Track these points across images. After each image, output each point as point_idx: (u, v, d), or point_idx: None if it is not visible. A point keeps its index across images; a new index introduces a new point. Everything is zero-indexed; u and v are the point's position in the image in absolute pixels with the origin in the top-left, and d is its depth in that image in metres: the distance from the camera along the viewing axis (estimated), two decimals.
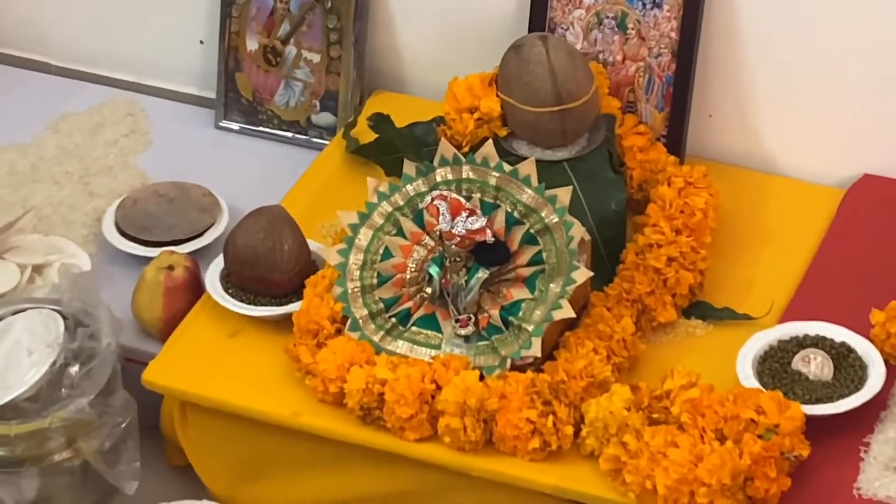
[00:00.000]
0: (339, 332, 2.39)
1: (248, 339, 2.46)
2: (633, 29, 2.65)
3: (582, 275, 2.36)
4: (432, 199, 2.38)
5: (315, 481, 2.41)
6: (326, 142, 2.83)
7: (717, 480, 2.13)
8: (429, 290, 2.39)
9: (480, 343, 2.36)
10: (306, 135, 2.88)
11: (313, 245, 2.52)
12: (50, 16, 3.02)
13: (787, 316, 2.43)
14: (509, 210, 2.39)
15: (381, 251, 2.42)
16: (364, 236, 2.44)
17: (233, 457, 2.44)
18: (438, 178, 2.43)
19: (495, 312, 2.37)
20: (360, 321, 2.39)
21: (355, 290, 2.41)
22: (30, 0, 3.02)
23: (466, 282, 2.36)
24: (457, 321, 2.37)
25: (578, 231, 2.37)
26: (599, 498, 2.24)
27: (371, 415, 2.31)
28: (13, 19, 3.04)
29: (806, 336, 2.37)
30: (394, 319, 2.40)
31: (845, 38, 2.58)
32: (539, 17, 2.68)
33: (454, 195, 2.37)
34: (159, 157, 2.85)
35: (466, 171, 2.42)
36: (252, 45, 2.86)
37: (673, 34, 2.62)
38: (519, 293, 2.37)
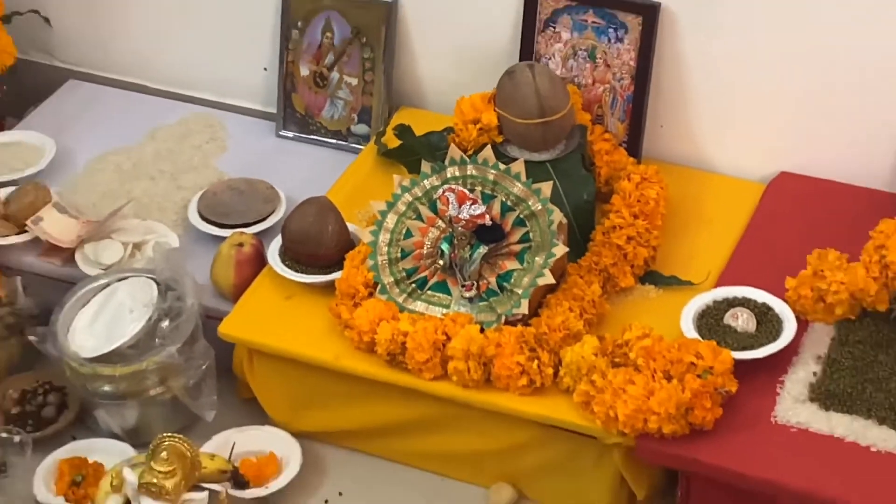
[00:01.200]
0: (370, 294, 2.40)
1: (300, 300, 2.46)
2: (600, 59, 2.64)
3: (560, 250, 2.36)
4: (444, 191, 2.38)
5: (351, 411, 2.42)
6: (362, 147, 2.82)
7: (665, 410, 2.14)
8: (441, 262, 2.39)
9: (481, 303, 2.37)
10: (346, 141, 2.87)
11: (351, 227, 2.52)
12: (147, 50, 3.02)
13: (720, 282, 2.43)
14: (503, 200, 2.39)
15: (403, 232, 2.43)
16: (390, 220, 2.44)
17: (288, 392, 2.45)
18: (448, 175, 2.43)
19: (493, 279, 2.37)
20: (388, 286, 2.40)
21: (383, 262, 2.41)
22: (132, 37, 3.02)
23: (470, 256, 2.37)
24: (462, 286, 2.38)
25: (558, 216, 2.38)
26: (574, 424, 2.25)
27: (395, 359, 2.32)
28: (120, 53, 3.05)
29: (735, 298, 2.36)
30: (413, 285, 2.40)
31: (767, 69, 2.57)
32: (527, 49, 2.67)
33: (461, 188, 2.37)
34: (232, 159, 2.85)
35: (470, 170, 2.42)
36: (304, 71, 2.85)
37: (632, 62, 2.62)
38: (511, 264, 2.38)
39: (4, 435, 2.40)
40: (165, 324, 2.41)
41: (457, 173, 2.42)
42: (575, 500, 2.34)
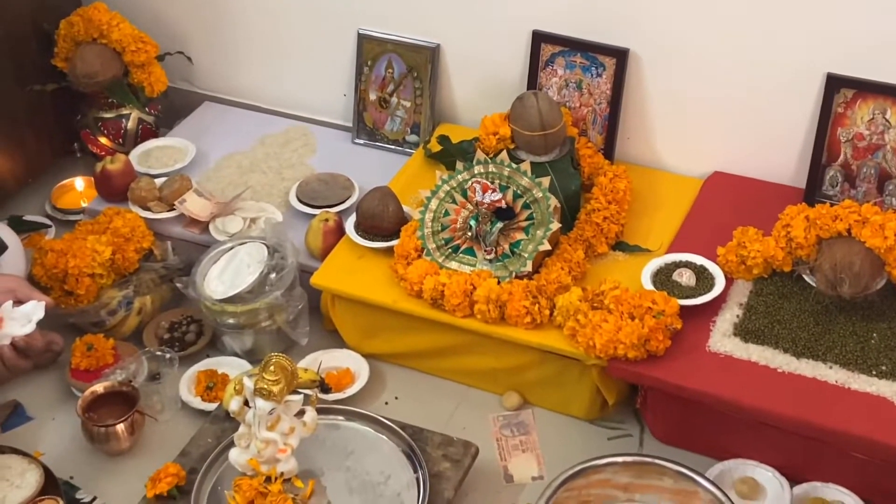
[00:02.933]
0: (419, 256, 2.39)
1: (369, 260, 2.45)
2: (585, 89, 2.62)
3: (555, 226, 2.35)
4: (472, 183, 2.38)
5: (405, 338, 2.41)
6: (413, 151, 2.81)
7: (630, 341, 2.14)
8: (469, 233, 2.38)
9: (498, 263, 2.36)
10: (402, 147, 2.85)
11: (405, 208, 2.50)
12: (260, 80, 3.01)
13: (670, 249, 2.41)
14: (515, 189, 2.38)
15: (443, 212, 2.42)
16: (434, 203, 2.43)
17: (359, 325, 2.45)
18: (475, 171, 2.41)
19: (506, 246, 2.36)
20: (431, 250, 2.39)
21: (428, 233, 2.40)
22: (250, 71, 3.01)
23: (490, 229, 2.36)
24: (485, 251, 2.37)
25: (553, 201, 2.37)
26: (564, 350, 2.24)
27: (436, 302, 2.31)
28: (240, 82, 3.03)
29: (681, 261, 2.35)
30: (450, 250, 2.39)
31: (704, 93, 2.55)
32: (532, 82, 2.66)
33: (484, 181, 2.37)
34: (320, 159, 2.83)
35: (491, 167, 2.40)
36: (372, 96, 2.84)
37: (608, 91, 2.60)
38: (519, 235, 2.37)
39: (158, 353, 2.42)
40: (273, 276, 2.40)
41: (481, 170, 2.41)
42: (563, 405, 2.33)
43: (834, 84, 2.38)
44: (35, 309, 2.16)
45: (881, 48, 2.33)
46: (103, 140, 2.94)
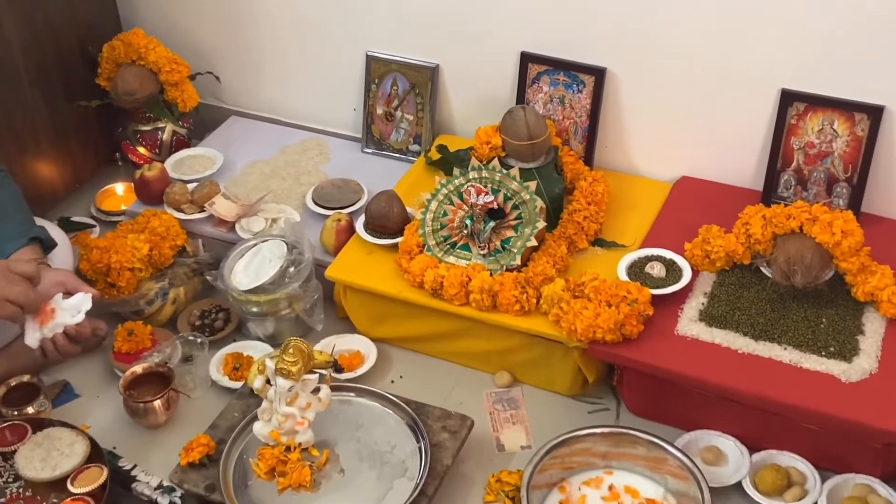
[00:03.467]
0: (421, 251, 2.39)
1: (376, 255, 2.46)
2: (567, 103, 2.63)
3: (541, 225, 2.36)
4: (467, 187, 2.38)
5: (409, 324, 2.42)
6: (415, 159, 2.81)
7: (607, 325, 2.15)
8: (465, 231, 2.39)
9: (490, 258, 2.36)
10: (406, 155, 2.85)
11: (409, 209, 2.51)
12: (281, 97, 3.02)
13: (643, 245, 2.42)
14: (505, 192, 2.39)
15: (442, 212, 2.42)
16: (434, 205, 2.43)
17: (369, 312, 2.45)
18: (471, 176, 2.42)
19: (498, 242, 2.37)
20: (432, 246, 2.39)
21: (429, 231, 2.41)
22: (272, 89, 3.02)
23: (484, 227, 2.36)
24: (479, 247, 2.37)
25: (539, 203, 2.37)
26: (549, 334, 2.24)
27: (436, 292, 2.32)
28: (263, 99, 3.05)
29: (652, 255, 2.36)
30: (448, 245, 2.40)
31: (672, 107, 2.55)
32: (521, 97, 2.66)
33: (478, 184, 2.38)
34: (333, 166, 2.84)
35: (484, 173, 2.41)
36: (380, 110, 2.85)
37: (588, 106, 2.61)
38: (509, 233, 2.37)
39: (191, 338, 2.43)
40: (292, 269, 2.41)
41: (476, 175, 2.42)
42: (549, 382, 2.34)
43: (788, 98, 2.39)
44: (83, 300, 2.18)
45: (829, 67, 2.34)
46: (141, 150, 2.95)
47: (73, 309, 2.16)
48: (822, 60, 2.34)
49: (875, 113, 2.32)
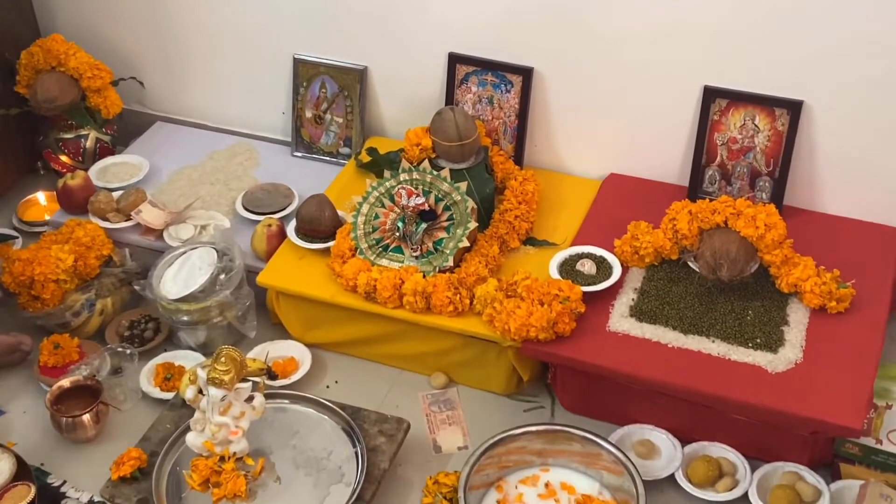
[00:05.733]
0: (353, 255, 2.38)
1: (308, 260, 2.44)
2: (496, 103, 2.64)
3: (472, 225, 2.36)
4: (398, 189, 2.37)
5: (342, 328, 2.41)
6: (346, 162, 2.80)
7: (540, 324, 2.16)
8: (397, 234, 2.38)
9: (423, 260, 2.36)
10: (336, 158, 2.84)
11: (340, 213, 2.50)
12: (207, 101, 2.98)
13: (573, 243, 2.44)
14: (436, 193, 2.39)
15: (374, 215, 2.42)
16: (365, 208, 2.42)
17: (302, 317, 2.44)
18: (401, 178, 2.42)
19: (430, 244, 2.37)
20: (364, 250, 2.38)
21: (361, 234, 2.40)
22: (197, 94, 2.98)
23: (416, 229, 2.36)
24: (411, 249, 2.37)
25: (471, 204, 2.38)
26: (483, 334, 2.25)
27: (370, 296, 2.32)
28: (189, 104, 3.00)
29: (583, 252, 2.37)
30: (380, 248, 2.39)
31: (599, 105, 2.57)
32: (450, 98, 2.67)
33: (409, 187, 2.37)
34: (263, 171, 2.81)
35: (415, 175, 2.41)
36: (308, 113, 2.83)
37: (516, 105, 2.62)
38: (442, 234, 2.38)
39: (120, 349, 2.39)
40: (223, 277, 2.39)
41: (406, 177, 2.41)
42: (484, 382, 2.35)
43: (710, 94, 2.43)
44: None
45: (750, 63, 2.38)
46: (64, 158, 2.89)
47: None
48: (743, 57, 2.38)
49: (794, 108, 2.38)
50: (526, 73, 2.56)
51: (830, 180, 2.45)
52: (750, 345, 2.16)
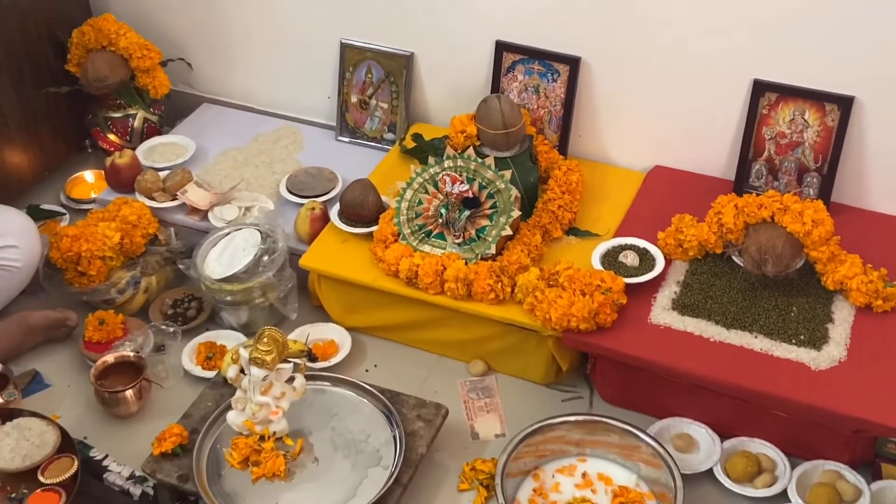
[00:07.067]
0: (396, 240, 2.39)
1: (351, 243, 2.45)
2: (542, 92, 2.63)
3: (516, 214, 2.36)
4: (442, 175, 2.38)
5: (383, 313, 2.41)
6: (390, 147, 2.81)
7: (581, 314, 2.16)
8: (440, 220, 2.38)
9: (465, 247, 2.36)
10: (381, 144, 2.84)
11: (384, 198, 2.51)
12: (254, 84, 3.00)
13: (616, 234, 2.43)
14: (480, 181, 2.39)
15: (417, 201, 2.42)
16: (409, 193, 2.43)
17: (343, 301, 2.45)
18: (446, 165, 2.42)
19: (473, 231, 2.37)
20: (407, 235, 2.39)
21: (404, 219, 2.41)
22: (244, 76, 2.99)
23: (459, 216, 2.36)
24: (454, 236, 2.37)
25: (514, 192, 2.38)
26: (523, 322, 2.25)
27: (411, 281, 2.32)
28: (236, 86, 3.02)
29: (626, 244, 2.36)
30: (423, 234, 2.40)
31: (646, 96, 2.56)
32: (496, 86, 2.66)
33: (453, 173, 2.37)
34: (307, 155, 2.82)
35: (459, 162, 2.41)
36: (354, 98, 2.84)
37: (562, 95, 2.61)
38: (484, 222, 2.38)
39: (163, 327, 2.42)
40: (266, 258, 2.40)
41: (451, 164, 2.41)
42: (523, 371, 2.35)
43: (760, 88, 2.41)
44: None
45: (801, 57, 2.36)
46: (112, 137, 2.92)
47: None
48: (794, 51, 2.36)
49: (845, 103, 2.35)
50: (573, 63, 2.55)
51: (880, 178, 2.42)
52: (793, 341, 2.15)
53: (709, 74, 2.46)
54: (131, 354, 2.31)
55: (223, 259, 2.41)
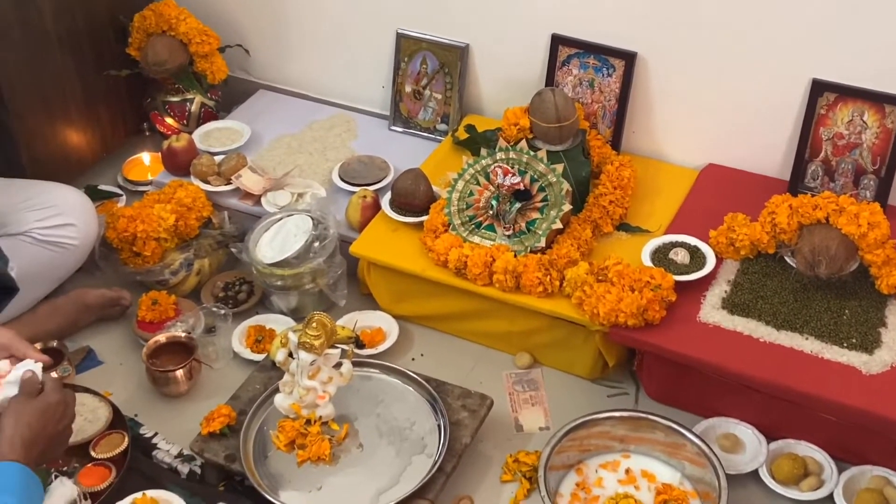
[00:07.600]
0: (446, 230, 2.40)
1: (401, 232, 2.47)
2: (597, 87, 2.62)
3: (566, 207, 2.36)
4: (494, 167, 2.38)
5: (430, 302, 2.42)
6: (443, 138, 2.81)
7: (630, 310, 2.15)
8: (491, 212, 2.39)
9: (515, 239, 2.37)
10: (433, 134, 2.85)
11: (435, 188, 2.51)
12: (310, 72, 3.02)
13: (667, 231, 2.41)
14: (532, 174, 2.39)
15: (468, 192, 2.43)
16: (460, 184, 2.43)
17: (392, 289, 2.46)
18: (498, 157, 2.42)
19: (523, 224, 2.37)
20: (457, 226, 2.40)
21: (454, 210, 2.41)
22: (300, 64, 3.02)
23: (509, 208, 2.36)
24: (504, 228, 2.38)
25: (566, 186, 2.37)
26: (571, 317, 2.25)
27: (460, 272, 2.33)
28: (292, 73, 3.04)
29: (677, 241, 2.35)
30: (473, 225, 2.40)
31: (700, 93, 2.54)
32: (550, 79, 2.66)
33: (505, 165, 2.38)
34: (360, 143, 2.84)
35: (512, 154, 2.41)
36: (408, 88, 2.85)
37: (617, 90, 2.60)
38: (535, 215, 2.38)
39: (214, 309, 2.44)
40: (317, 244, 2.42)
41: (503, 156, 2.42)
42: (569, 365, 2.35)
43: (818, 88, 2.38)
44: (27, 373, 1.87)
45: (861, 57, 2.32)
46: (169, 121, 2.97)
47: (15, 383, 1.87)
48: (855, 51, 2.32)
49: None
50: (629, 58, 2.54)
51: None
52: (845, 344, 2.12)
53: (766, 73, 2.43)
54: (182, 335, 2.34)
55: (275, 244, 2.43)
